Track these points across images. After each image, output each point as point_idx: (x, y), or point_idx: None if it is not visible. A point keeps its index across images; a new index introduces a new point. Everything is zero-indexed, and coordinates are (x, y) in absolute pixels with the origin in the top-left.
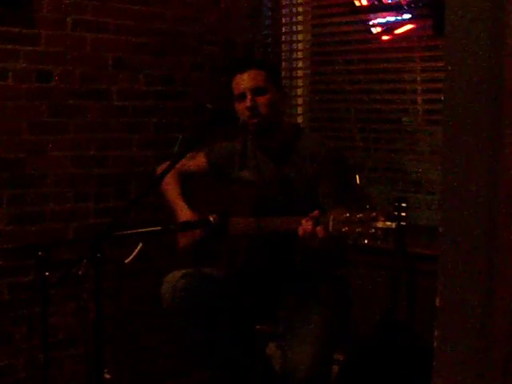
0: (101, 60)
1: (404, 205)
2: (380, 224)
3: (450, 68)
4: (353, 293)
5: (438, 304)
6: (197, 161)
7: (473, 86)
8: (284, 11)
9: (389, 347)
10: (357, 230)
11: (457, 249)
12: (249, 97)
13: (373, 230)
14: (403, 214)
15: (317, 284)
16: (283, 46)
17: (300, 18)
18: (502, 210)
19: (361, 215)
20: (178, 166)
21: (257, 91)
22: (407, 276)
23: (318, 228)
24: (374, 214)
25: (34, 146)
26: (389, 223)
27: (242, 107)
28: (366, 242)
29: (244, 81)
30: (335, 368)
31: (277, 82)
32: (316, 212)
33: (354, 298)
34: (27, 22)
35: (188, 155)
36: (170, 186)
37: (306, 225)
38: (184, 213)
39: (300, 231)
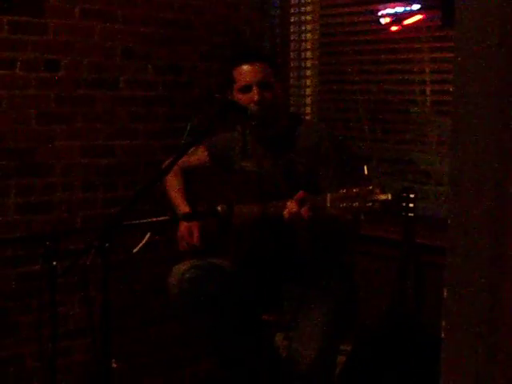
0: (109, 50)
1: (412, 196)
2: (376, 196)
3: (459, 59)
4: (360, 284)
5: (445, 295)
6: (198, 155)
7: (482, 76)
8: (292, 1)
9: (396, 338)
10: (354, 204)
11: (465, 240)
12: (256, 90)
13: (370, 204)
14: (411, 205)
15: (323, 273)
16: (292, 36)
17: (309, 8)
18: (511, 202)
19: (357, 190)
20: (179, 162)
21: (263, 85)
22: (415, 267)
23: (303, 209)
24: (370, 187)
25: (42, 135)
26: (385, 195)
27: (246, 99)
28: (362, 217)
29: (251, 73)
30: (342, 358)
31: (278, 74)
32: (300, 193)
33: (361, 288)
34: (35, 12)
35: (190, 150)
36: (172, 183)
37: (290, 206)
38: (182, 210)
39: (285, 213)
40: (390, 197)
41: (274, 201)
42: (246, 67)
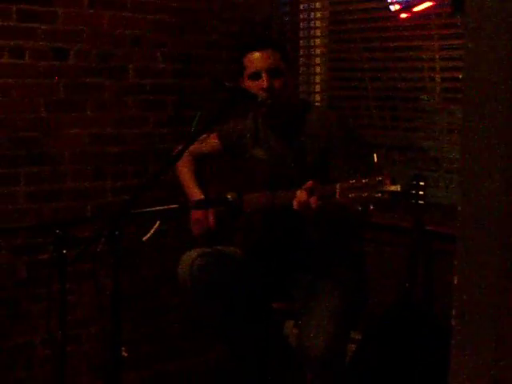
0: (118, 38)
1: (422, 183)
2: (386, 187)
3: (469, 46)
4: (370, 271)
5: (455, 282)
6: (210, 142)
7: (493, 64)
8: None
9: (406, 326)
10: (363, 195)
11: (475, 227)
12: (265, 77)
13: (379, 194)
14: (421, 192)
15: (333, 262)
16: (301, 23)
17: None
18: None
19: (366, 180)
20: (191, 149)
21: (273, 72)
22: (425, 254)
23: (312, 199)
24: (380, 177)
25: (51, 124)
26: (394, 187)
27: (256, 86)
28: (371, 207)
29: (260, 60)
30: (352, 347)
31: (288, 61)
32: (310, 182)
33: (370, 276)
34: (44, 0)
35: (201, 138)
36: (184, 170)
37: (299, 195)
38: (195, 197)
39: (294, 202)
40: (399, 188)
41: (284, 188)
42: (255, 54)
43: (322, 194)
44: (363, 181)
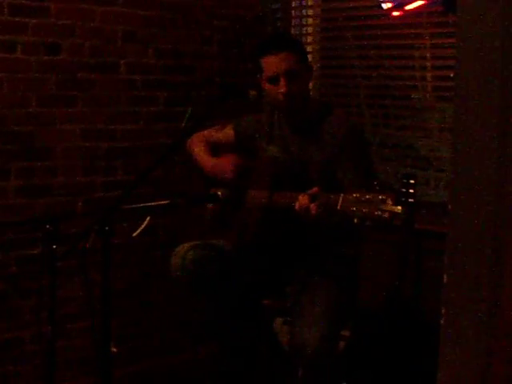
0: (110, 33)
1: (412, 181)
2: (387, 207)
3: (461, 44)
4: (359, 269)
5: (445, 281)
6: (224, 132)
7: (484, 62)
8: None
9: (395, 324)
10: (364, 210)
11: (465, 226)
12: (283, 82)
13: (379, 212)
14: (411, 190)
15: (325, 260)
16: (293, 20)
17: None
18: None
19: (370, 196)
20: (206, 133)
21: (290, 75)
22: (414, 252)
23: (312, 205)
24: (384, 196)
25: (43, 118)
26: (396, 208)
27: (274, 90)
28: (368, 223)
29: (278, 63)
30: (341, 344)
31: (306, 61)
32: (315, 189)
33: (360, 274)
34: None
35: (216, 126)
36: (199, 148)
37: (301, 200)
38: (214, 164)
39: (296, 205)
40: (400, 210)
41: (290, 187)
42: (272, 57)
43: (325, 202)
44: (366, 196)
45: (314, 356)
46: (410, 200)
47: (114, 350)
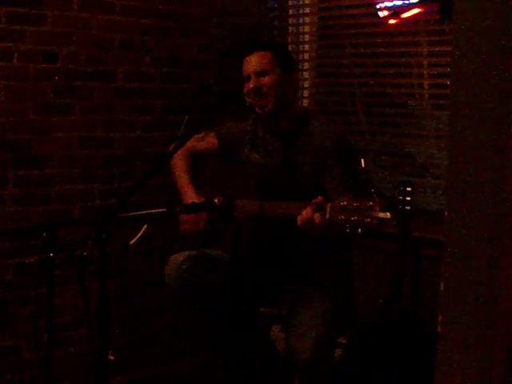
0: (107, 41)
1: (409, 189)
2: (376, 214)
3: (457, 53)
4: (357, 277)
5: (442, 288)
6: (207, 141)
7: (481, 70)
8: None
9: (392, 331)
10: (352, 218)
11: (462, 233)
12: (252, 79)
13: (368, 219)
14: (408, 198)
15: (320, 268)
16: (290, 28)
17: (307, 0)
18: (508, 195)
19: (357, 204)
20: (188, 146)
21: (260, 73)
22: (412, 260)
23: (316, 215)
24: (371, 203)
25: (40, 126)
26: (384, 214)
27: (246, 89)
28: (359, 231)
29: (249, 63)
30: (338, 351)
31: (284, 63)
32: (319, 198)
33: (358, 281)
34: (34, 3)
35: (199, 135)
36: (179, 167)
37: (305, 211)
38: (189, 195)
39: (299, 218)
40: (389, 216)
41: (274, 195)
42: (246, 59)
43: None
44: (354, 204)
45: (308, 364)
46: (406, 207)
47: (112, 357)
